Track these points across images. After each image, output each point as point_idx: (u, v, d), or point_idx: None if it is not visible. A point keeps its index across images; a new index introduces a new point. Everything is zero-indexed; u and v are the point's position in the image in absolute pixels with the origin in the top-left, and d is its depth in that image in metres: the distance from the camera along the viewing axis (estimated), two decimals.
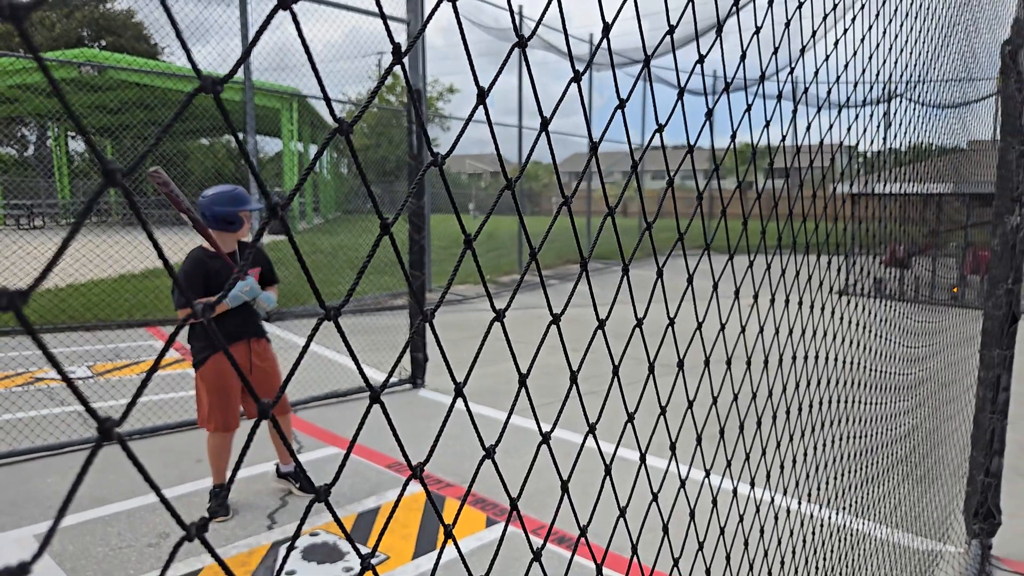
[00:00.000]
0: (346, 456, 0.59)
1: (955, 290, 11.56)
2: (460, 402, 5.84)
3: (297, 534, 0.53)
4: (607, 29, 0.74)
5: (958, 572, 3.19)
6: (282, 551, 3.30)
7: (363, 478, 4.19)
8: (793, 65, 1.37)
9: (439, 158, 0.58)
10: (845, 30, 1.62)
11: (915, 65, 2.26)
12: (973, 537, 3.38)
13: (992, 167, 3.03)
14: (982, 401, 3.25)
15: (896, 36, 1.96)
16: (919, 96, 2.61)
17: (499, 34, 13.65)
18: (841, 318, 1.97)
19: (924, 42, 2.34)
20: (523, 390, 0.72)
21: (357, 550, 0.57)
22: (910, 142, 2.62)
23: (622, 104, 0.80)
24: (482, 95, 0.60)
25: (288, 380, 0.53)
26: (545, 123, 0.69)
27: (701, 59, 0.94)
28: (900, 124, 2.39)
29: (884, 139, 2.34)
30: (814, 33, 1.48)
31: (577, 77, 0.71)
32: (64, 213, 20.27)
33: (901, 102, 2.40)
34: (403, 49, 0.51)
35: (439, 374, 6.47)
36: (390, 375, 0.59)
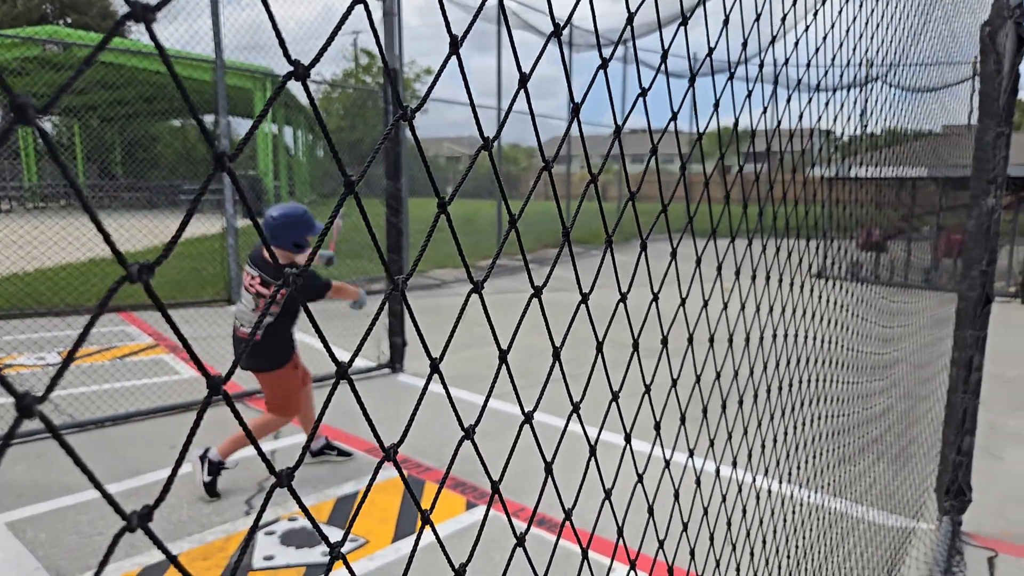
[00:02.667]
0: (311, 437, 0.56)
1: (927, 274, 11.77)
2: (440, 386, 5.81)
3: (259, 517, 0.50)
4: None
5: (930, 548, 3.26)
6: (261, 536, 3.26)
7: (342, 463, 4.16)
8: (774, 36, 1.34)
9: (408, 111, 0.54)
10: (818, 9, 1.60)
11: (892, 43, 2.25)
12: (944, 514, 3.45)
13: (966, 150, 3.06)
14: (955, 381, 3.31)
15: (872, 11, 1.95)
16: (896, 79, 2.61)
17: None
18: (820, 298, 1.97)
19: (901, 21, 2.33)
20: (504, 369, 0.69)
21: (324, 538, 0.54)
22: (888, 125, 2.63)
23: (604, 64, 0.77)
24: (455, 43, 0.57)
25: (240, 353, 0.49)
26: (524, 79, 0.65)
27: (684, 20, 0.91)
28: (878, 106, 2.39)
29: (861, 122, 2.33)
30: (794, 4, 1.46)
31: (557, 32, 0.68)
32: (32, 196, 19.72)
33: (878, 85, 2.40)
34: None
35: (417, 358, 6.43)
36: (357, 351, 0.56)
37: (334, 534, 3.32)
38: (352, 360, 0.54)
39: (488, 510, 0.68)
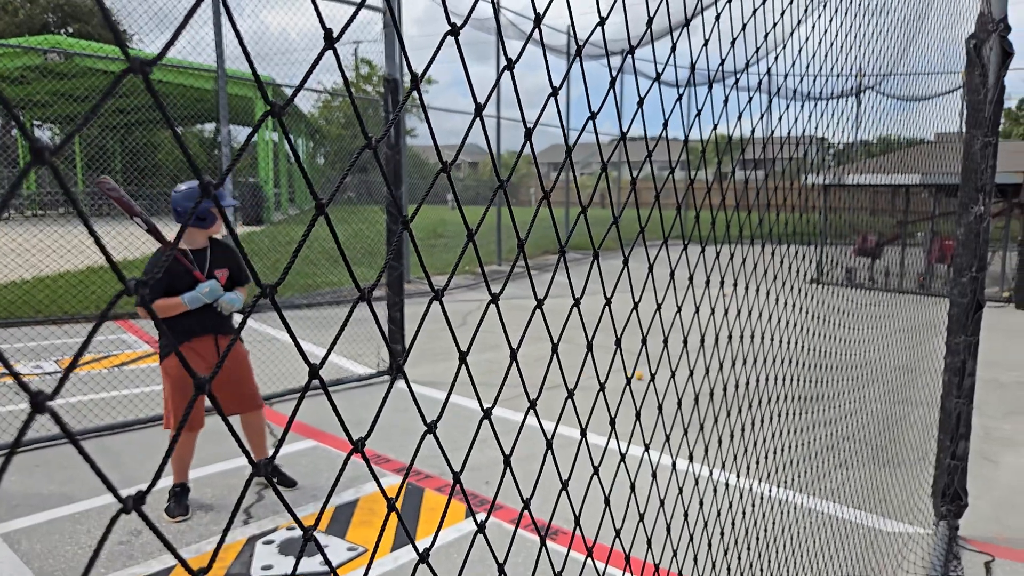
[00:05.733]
0: (286, 428, 0.58)
1: (921, 279, 11.81)
2: (438, 392, 5.72)
3: (238, 505, 0.52)
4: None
5: (927, 553, 3.27)
6: (259, 545, 3.27)
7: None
8: (767, 48, 1.38)
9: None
10: (809, 22, 1.64)
11: (883, 54, 2.29)
12: (941, 519, 3.47)
13: (958, 159, 3.09)
14: (948, 386, 3.33)
15: (860, 27, 1.98)
16: (887, 88, 2.65)
17: (477, 24, 13.57)
18: (795, 306, 2.00)
19: (891, 33, 2.37)
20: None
21: (297, 520, 0.57)
22: (880, 134, 2.66)
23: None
24: (415, 79, 0.59)
25: (225, 356, 0.50)
26: (479, 110, 0.68)
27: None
28: (869, 117, 2.42)
29: (855, 130, 2.37)
30: (794, 22, 1.49)
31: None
32: (30, 204, 19.76)
33: (870, 96, 2.43)
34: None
35: (417, 366, 6.45)
36: (328, 353, 0.59)
37: (331, 542, 3.33)
38: (324, 361, 0.56)
39: (449, 501, 0.70)
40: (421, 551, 0.71)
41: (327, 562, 0.65)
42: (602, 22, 0.92)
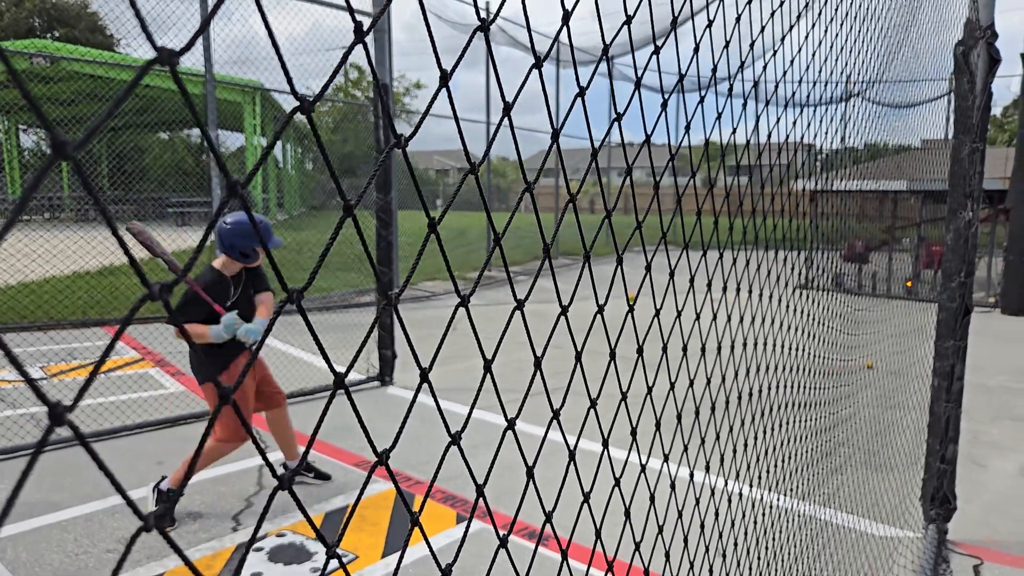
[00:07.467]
0: (309, 444, 0.58)
1: (909, 284, 11.93)
2: (430, 399, 5.70)
3: (260, 523, 0.52)
4: (566, 17, 0.74)
5: (917, 556, 3.29)
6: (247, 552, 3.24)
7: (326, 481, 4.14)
8: (757, 60, 1.38)
9: (403, 139, 0.57)
10: (797, 25, 1.65)
11: (870, 60, 2.31)
12: (930, 522, 3.49)
13: (945, 165, 3.13)
14: (937, 390, 3.35)
15: (850, 31, 2.00)
16: (875, 95, 2.67)
17: (464, 29, 13.59)
18: (793, 310, 2.01)
19: (879, 39, 2.39)
20: (489, 380, 0.71)
21: (323, 539, 0.56)
22: (867, 140, 2.69)
23: (582, 91, 0.80)
24: (444, 77, 0.59)
25: (248, 367, 0.51)
26: (508, 109, 0.68)
27: (657, 49, 0.94)
28: (856, 123, 2.44)
29: (842, 138, 2.38)
30: (788, 30, 1.50)
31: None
32: (15, 209, 19.52)
33: (858, 102, 2.46)
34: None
35: (408, 371, 6.42)
36: (353, 361, 0.58)
37: (322, 549, 3.31)
38: (348, 371, 0.56)
39: (472, 512, 0.69)
40: (443, 566, 0.70)
41: (343, 568, 0.65)
42: (628, 20, 0.92)
